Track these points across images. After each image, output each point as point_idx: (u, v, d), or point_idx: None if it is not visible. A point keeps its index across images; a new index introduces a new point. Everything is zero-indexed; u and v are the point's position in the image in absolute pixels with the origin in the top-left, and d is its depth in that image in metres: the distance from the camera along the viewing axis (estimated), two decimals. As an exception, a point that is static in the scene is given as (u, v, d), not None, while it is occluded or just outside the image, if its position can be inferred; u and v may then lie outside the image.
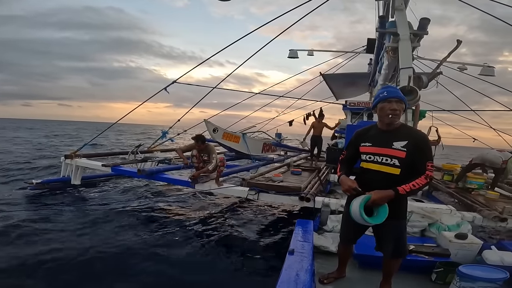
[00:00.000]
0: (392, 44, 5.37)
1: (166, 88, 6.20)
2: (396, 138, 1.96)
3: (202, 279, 3.37)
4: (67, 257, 3.54)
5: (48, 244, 3.86)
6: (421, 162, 1.90)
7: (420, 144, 1.92)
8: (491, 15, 5.49)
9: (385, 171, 1.97)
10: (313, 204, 4.10)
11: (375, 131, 2.09)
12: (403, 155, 1.92)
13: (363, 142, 2.09)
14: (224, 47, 6.30)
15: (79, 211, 5.18)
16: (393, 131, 1.99)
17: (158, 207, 5.82)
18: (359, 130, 2.21)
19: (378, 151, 2.00)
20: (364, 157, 2.08)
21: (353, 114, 10.04)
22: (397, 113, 1.94)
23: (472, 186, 5.02)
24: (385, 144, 1.98)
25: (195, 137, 5.01)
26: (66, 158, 6.36)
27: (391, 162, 1.95)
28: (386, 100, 1.96)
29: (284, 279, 1.93)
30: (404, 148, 1.92)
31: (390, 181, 1.93)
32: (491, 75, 8.32)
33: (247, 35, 6.15)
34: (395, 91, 2.02)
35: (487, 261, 2.52)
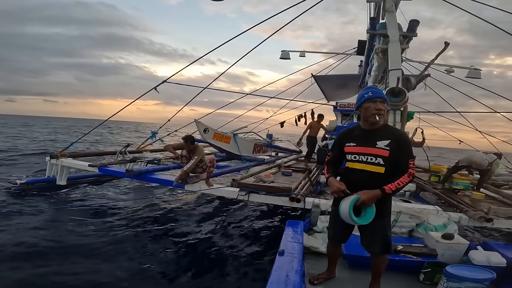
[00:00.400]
0: (382, 46, 5.43)
1: (156, 87, 6.11)
2: (379, 137, 2.00)
3: (189, 280, 3.33)
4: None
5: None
6: (404, 160, 1.96)
7: (402, 143, 1.98)
8: (479, 17, 5.61)
9: (370, 170, 2.01)
10: (304, 204, 4.10)
11: (358, 131, 2.13)
12: (386, 154, 1.97)
13: (348, 142, 2.12)
14: (216, 47, 6.30)
15: (60, 212, 5.04)
16: (376, 130, 2.04)
17: (146, 208, 5.73)
18: (342, 130, 2.26)
19: (363, 151, 2.04)
20: (349, 157, 2.11)
21: (343, 115, 10.14)
22: (382, 113, 2.00)
23: (458, 187, 5.11)
24: (369, 144, 2.02)
25: (184, 137, 4.97)
26: (52, 158, 6.20)
27: (375, 161, 1.99)
28: (371, 100, 2.00)
29: (274, 279, 1.92)
30: (387, 147, 1.97)
31: (375, 179, 1.97)
32: (477, 78, 8.52)
33: (240, 35, 6.14)
34: (379, 91, 2.07)
35: (473, 261, 2.55)
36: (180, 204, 6.26)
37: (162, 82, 6.28)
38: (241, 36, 6.21)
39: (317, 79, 9.91)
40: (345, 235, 2.26)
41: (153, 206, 5.93)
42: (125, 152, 6.64)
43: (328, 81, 10.61)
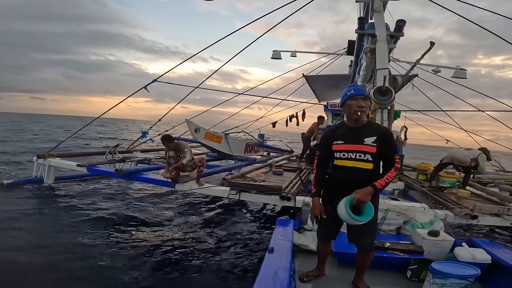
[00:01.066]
0: (370, 45, 5.49)
1: (146, 87, 6.05)
2: (365, 134, 2.05)
3: (178, 278, 3.32)
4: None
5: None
6: (390, 155, 2.04)
7: (388, 139, 2.05)
8: (465, 17, 5.73)
9: (360, 167, 2.05)
10: (294, 203, 4.13)
11: (344, 129, 2.16)
12: (374, 150, 2.02)
13: (335, 141, 2.14)
14: (209, 45, 6.32)
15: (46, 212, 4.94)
16: (361, 127, 2.08)
17: (135, 208, 5.67)
18: (327, 130, 2.30)
19: (351, 148, 2.07)
20: (338, 155, 2.13)
21: (334, 115, 10.23)
22: (364, 109, 2.04)
23: (444, 185, 5.21)
24: (357, 141, 2.05)
25: (162, 138, 4.95)
26: (39, 158, 6.10)
27: (364, 157, 2.04)
28: (353, 98, 2.05)
29: (262, 276, 1.94)
30: (374, 144, 2.02)
31: (364, 175, 2.02)
32: (463, 78, 8.72)
33: (234, 33, 6.14)
34: (361, 89, 2.12)
35: (458, 258, 2.59)
36: (169, 203, 6.22)
37: (152, 81, 6.22)
38: (234, 33, 6.21)
39: (308, 79, 9.97)
40: (335, 232, 2.30)
41: (140, 205, 5.87)
42: (115, 152, 6.57)
43: (319, 81, 10.69)
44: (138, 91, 6.16)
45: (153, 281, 3.23)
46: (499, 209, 3.96)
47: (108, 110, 6.65)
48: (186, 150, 4.73)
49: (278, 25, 6.33)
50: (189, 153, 4.70)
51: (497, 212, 3.94)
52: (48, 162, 6.03)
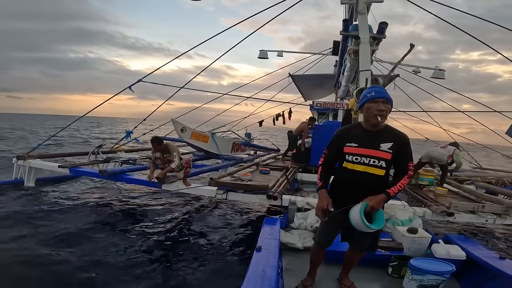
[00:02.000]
0: (353, 47, 5.64)
1: (131, 87, 5.96)
2: (382, 139, 1.96)
3: (165, 278, 3.32)
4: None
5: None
6: (405, 162, 1.97)
7: (405, 146, 1.97)
8: (442, 18, 5.94)
9: (372, 173, 1.96)
10: (281, 202, 4.20)
11: (359, 131, 2.03)
12: (389, 157, 1.94)
13: (348, 143, 2.01)
14: (198, 44, 6.32)
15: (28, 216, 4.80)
16: (378, 132, 1.98)
17: (121, 209, 5.59)
18: (340, 130, 2.15)
19: (366, 153, 1.96)
20: (350, 158, 2.01)
21: (320, 114, 10.39)
22: (384, 114, 1.92)
23: (423, 183, 5.42)
24: (372, 146, 1.95)
25: (152, 140, 4.91)
26: (18, 159, 5.92)
27: (378, 164, 1.94)
28: (373, 101, 1.92)
29: (250, 275, 1.98)
30: (390, 150, 1.93)
31: (376, 182, 1.95)
32: (441, 78, 9.05)
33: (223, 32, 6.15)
34: (382, 91, 2.00)
35: (435, 254, 2.70)
36: (155, 204, 6.17)
37: (137, 81, 6.14)
38: (219, 30, 6.22)
39: (295, 78, 10.08)
40: (334, 237, 2.22)
41: (126, 206, 5.80)
42: (98, 152, 6.45)
43: (305, 81, 10.81)
44: (122, 91, 6.07)
45: (138, 281, 3.22)
46: (474, 206, 4.15)
47: (92, 110, 6.51)
48: (175, 154, 4.70)
49: (263, 22, 6.37)
50: (177, 158, 4.68)
51: (472, 209, 4.13)
52: (28, 163, 5.86)
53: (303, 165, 7.28)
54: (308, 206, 4.04)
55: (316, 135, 7.16)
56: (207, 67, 6.58)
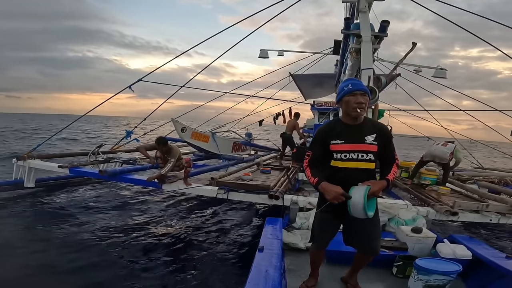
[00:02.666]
0: (355, 46, 5.60)
1: (131, 86, 5.94)
2: (366, 132, 1.94)
3: (168, 278, 3.30)
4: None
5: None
6: (391, 152, 2.01)
7: (387, 136, 2.00)
8: (441, 15, 5.91)
9: (363, 167, 1.94)
10: (282, 202, 4.15)
11: (341, 126, 1.99)
12: (375, 149, 1.94)
13: (333, 140, 1.96)
14: (199, 43, 6.34)
15: (31, 216, 4.78)
16: (360, 125, 1.96)
17: (121, 210, 5.57)
18: (322, 127, 2.11)
19: (353, 148, 1.93)
20: (338, 156, 1.96)
21: (320, 114, 10.35)
22: (363, 106, 1.89)
23: (426, 182, 5.37)
24: (358, 140, 1.93)
25: (156, 140, 4.89)
26: (18, 160, 5.88)
27: (367, 157, 1.93)
28: (351, 93, 1.90)
29: (253, 275, 1.96)
30: (375, 142, 1.93)
31: (367, 176, 1.94)
32: (443, 77, 9.00)
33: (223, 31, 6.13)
34: (359, 83, 1.98)
35: (441, 254, 2.67)
36: (157, 204, 6.14)
37: (137, 81, 6.11)
38: (219, 28, 6.24)
39: (295, 78, 10.04)
40: (332, 238, 2.16)
41: (128, 207, 5.77)
42: (98, 152, 6.42)
43: (305, 80, 10.76)
44: (123, 90, 6.04)
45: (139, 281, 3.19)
46: (478, 205, 4.11)
47: (93, 109, 6.50)
48: (173, 160, 4.67)
49: (262, 19, 6.36)
50: (172, 164, 4.64)
51: (476, 208, 4.09)
52: (28, 163, 5.81)
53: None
54: (310, 205, 4.00)
55: (317, 134, 7.11)
56: (208, 65, 6.57)
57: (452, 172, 6.78)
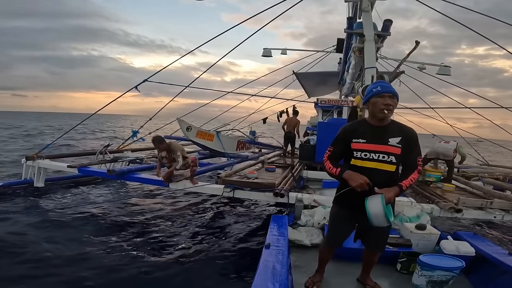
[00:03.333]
0: (358, 45, 5.63)
1: (137, 87, 6.03)
2: (390, 134, 1.94)
3: (175, 273, 3.37)
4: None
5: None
6: (414, 157, 1.96)
7: (413, 140, 1.97)
8: (444, 14, 5.90)
9: (382, 169, 1.93)
10: (287, 199, 4.20)
11: (365, 127, 2.01)
12: (398, 152, 1.92)
13: (356, 139, 1.98)
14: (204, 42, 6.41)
15: (40, 216, 4.88)
16: (386, 126, 1.97)
17: (130, 209, 5.67)
18: (346, 126, 2.13)
19: (375, 148, 1.93)
20: (358, 154, 1.97)
21: (324, 111, 10.37)
22: (391, 108, 1.91)
23: (430, 179, 5.38)
24: (381, 141, 1.93)
25: (152, 141, 4.95)
26: (28, 160, 5.99)
27: (388, 159, 1.92)
28: (379, 95, 1.91)
29: (261, 271, 2.02)
30: (399, 144, 1.92)
31: (387, 178, 1.92)
32: (447, 74, 8.97)
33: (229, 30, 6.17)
34: (388, 86, 1.99)
35: (444, 250, 2.71)
36: (163, 202, 6.24)
37: (143, 81, 6.20)
38: (222, 28, 6.30)
39: (298, 75, 10.07)
40: (346, 238, 2.21)
41: (135, 206, 5.87)
42: (105, 152, 6.52)
43: (308, 78, 10.79)
44: (129, 91, 6.13)
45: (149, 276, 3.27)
46: (482, 202, 4.12)
47: (102, 108, 6.62)
48: (178, 154, 4.73)
49: (265, 17, 6.39)
50: (181, 158, 4.70)
51: (480, 205, 4.10)
52: (38, 163, 5.92)
53: (308, 162, 7.29)
54: (314, 203, 4.04)
55: (321, 132, 7.17)
56: (213, 65, 6.62)
57: (457, 169, 6.79)
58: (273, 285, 1.85)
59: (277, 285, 1.85)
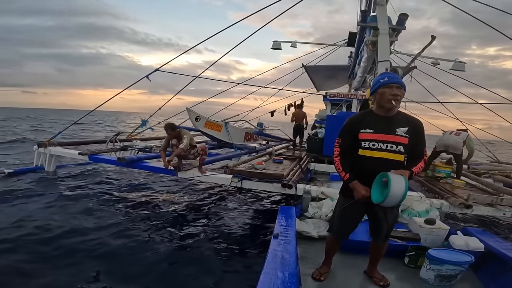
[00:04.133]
0: (372, 38, 5.55)
1: (148, 76, 6.07)
2: (398, 124, 1.96)
3: (182, 261, 3.43)
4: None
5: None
6: (420, 147, 2.00)
7: (420, 131, 2.00)
8: (461, 9, 5.75)
9: (391, 158, 1.94)
10: (295, 191, 4.20)
11: (373, 117, 2.02)
12: (406, 141, 1.94)
13: (363, 129, 1.99)
14: (207, 38, 6.34)
15: (53, 201, 4.98)
16: (393, 117, 1.98)
17: (139, 197, 5.75)
18: (352, 117, 2.14)
19: (382, 138, 1.95)
20: (366, 144, 1.98)
21: (333, 105, 10.30)
22: (398, 98, 1.93)
23: (440, 175, 5.33)
24: (389, 131, 1.95)
25: (165, 127, 4.98)
26: (40, 147, 6.10)
27: (396, 149, 1.94)
28: (387, 86, 1.93)
29: (270, 260, 2.04)
30: (406, 134, 1.94)
31: (394, 167, 1.91)
32: (461, 70, 8.79)
33: (232, 26, 6.16)
34: (395, 76, 2.01)
35: (453, 245, 2.70)
36: (171, 191, 6.31)
37: (154, 71, 6.25)
38: (227, 25, 6.25)
39: (307, 69, 9.99)
40: (353, 229, 2.23)
41: (142, 194, 5.95)
42: (115, 140, 6.61)
43: (318, 71, 10.70)
44: (139, 81, 6.19)
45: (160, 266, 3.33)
46: (492, 199, 4.07)
47: (106, 101, 6.68)
48: (185, 136, 4.77)
49: (272, 17, 6.33)
50: (187, 139, 4.73)
51: (490, 202, 4.06)
52: (49, 150, 6.04)
53: (316, 155, 7.28)
54: (322, 195, 4.04)
55: (330, 125, 7.12)
56: (217, 60, 6.66)
57: (468, 165, 6.69)
58: (282, 273, 1.87)
59: (286, 274, 1.87)
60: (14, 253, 3.28)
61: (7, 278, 2.85)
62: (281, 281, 1.77)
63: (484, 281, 2.55)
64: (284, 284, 1.74)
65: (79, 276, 2.98)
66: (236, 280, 3.14)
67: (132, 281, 3.01)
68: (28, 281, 2.84)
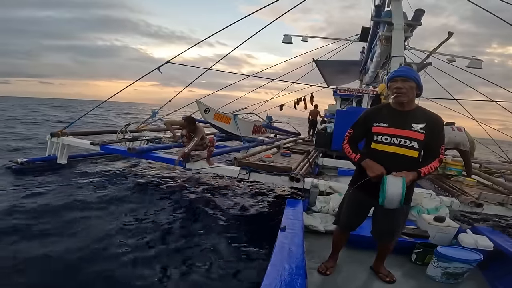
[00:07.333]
0: (386, 33, 5.46)
1: (159, 68, 6.11)
2: (414, 119, 1.90)
3: (189, 252, 3.48)
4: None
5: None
6: (437, 145, 1.91)
7: (437, 128, 1.92)
8: (481, 7, 5.57)
9: (404, 154, 1.89)
10: (303, 184, 4.19)
11: (389, 110, 1.98)
12: (421, 137, 1.87)
13: (377, 122, 1.95)
14: (217, 31, 6.33)
15: (66, 191, 5.07)
16: (410, 111, 1.93)
17: (149, 186, 5.83)
18: (369, 109, 2.12)
19: (396, 132, 1.90)
20: (379, 138, 1.94)
21: (343, 100, 10.19)
22: (403, 91, 1.87)
23: (451, 173, 5.25)
24: (404, 125, 1.89)
25: (186, 119, 5.01)
26: (52, 136, 6.21)
27: (410, 144, 1.88)
28: (393, 80, 1.93)
29: (277, 252, 2.06)
30: (423, 130, 1.87)
31: (408, 164, 1.88)
32: (478, 68, 8.53)
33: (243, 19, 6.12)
34: (402, 69, 1.98)
35: (462, 243, 2.66)
36: (180, 182, 6.38)
37: (165, 63, 6.30)
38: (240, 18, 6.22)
39: (318, 63, 9.88)
40: (360, 222, 2.20)
41: (153, 184, 6.03)
42: (126, 130, 6.69)
43: (329, 66, 10.58)
44: (151, 72, 6.24)
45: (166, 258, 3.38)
46: (503, 198, 4.01)
47: (118, 92, 6.82)
48: (196, 138, 4.82)
49: (284, 10, 6.25)
50: (196, 141, 4.79)
51: (501, 201, 3.99)
52: (62, 140, 6.13)
53: (324, 150, 7.25)
54: (330, 190, 4.03)
55: (339, 120, 7.07)
56: (229, 53, 6.67)
57: (479, 164, 6.57)
58: (289, 265, 1.89)
59: (293, 266, 1.88)
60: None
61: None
62: (288, 273, 1.79)
63: (490, 280, 2.52)
64: (291, 276, 1.76)
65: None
66: (243, 271, 3.16)
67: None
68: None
